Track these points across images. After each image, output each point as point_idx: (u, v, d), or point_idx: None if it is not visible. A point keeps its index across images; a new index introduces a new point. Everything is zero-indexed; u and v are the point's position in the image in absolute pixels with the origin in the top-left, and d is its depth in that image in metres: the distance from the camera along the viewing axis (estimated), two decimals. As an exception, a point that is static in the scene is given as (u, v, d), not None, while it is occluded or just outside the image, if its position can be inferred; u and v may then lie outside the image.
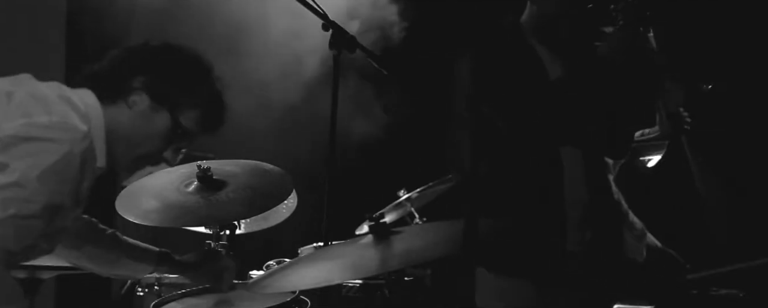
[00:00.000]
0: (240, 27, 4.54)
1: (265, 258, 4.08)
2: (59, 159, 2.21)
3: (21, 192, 2.18)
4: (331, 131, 2.57)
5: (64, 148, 2.22)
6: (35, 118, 2.24)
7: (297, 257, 3.92)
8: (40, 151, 2.20)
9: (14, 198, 2.18)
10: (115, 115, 2.42)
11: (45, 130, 2.22)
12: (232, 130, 2.62)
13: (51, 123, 2.24)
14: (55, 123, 2.25)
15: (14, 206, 2.18)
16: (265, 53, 4.54)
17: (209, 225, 3.64)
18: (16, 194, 2.18)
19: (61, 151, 2.22)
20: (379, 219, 2.37)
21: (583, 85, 2.95)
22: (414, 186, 4.50)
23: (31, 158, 2.19)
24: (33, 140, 2.21)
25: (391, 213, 4.54)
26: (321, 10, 2.61)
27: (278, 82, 4.88)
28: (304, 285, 2.56)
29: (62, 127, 2.25)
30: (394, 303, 4.06)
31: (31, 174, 2.18)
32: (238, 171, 3.27)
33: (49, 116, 2.25)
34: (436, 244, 2.32)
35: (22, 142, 2.20)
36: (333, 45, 2.61)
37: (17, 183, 2.18)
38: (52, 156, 2.21)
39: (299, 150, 5.09)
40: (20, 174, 2.18)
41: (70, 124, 2.27)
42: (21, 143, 2.20)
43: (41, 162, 2.20)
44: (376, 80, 4.56)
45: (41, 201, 2.21)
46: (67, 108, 2.31)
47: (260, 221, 3.93)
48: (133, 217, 3.10)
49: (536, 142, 2.97)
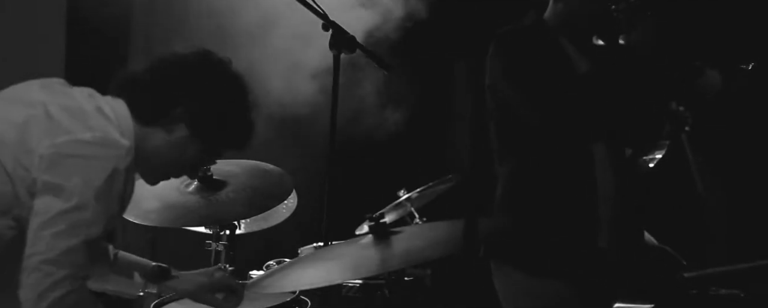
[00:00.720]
0: (241, 27, 4.54)
1: (265, 258, 4.07)
2: (108, 176, 2.18)
3: (84, 215, 2.15)
4: (331, 131, 2.57)
5: (111, 165, 2.19)
6: (78, 135, 2.19)
7: (297, 257, 3.92)
8: (88, 170, 2.16)
9: (80, 223, 2.15)
10: (150, 138, 2.36)
11: (88, 146, 2.18)
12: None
13: (94, 139, 2.20)
14: (98, 138, 2.20)
15: (82, 231, 2.15)
16: (267, 54, 4.54)
17: (209, 225, 3.64)
18: (80, 218, 2.15)
19: (108, 168, 2.18)
20: (379, 219, 2.37)
21: (610, 81, 2.96)
22: (414, 186, 4.50)
23: (81, 177, 2.15)
24: (78, 157, 2.17)
25: (391, 213, 4.54)
26: (321, 10, 2.61)
27: (278, 82, 4.88)
28: (304, 285, 2.56)
29: (105, 144, 2.20)
30: (394, 303, 4.06)
31: (87, 195, 2.15)
32: (238, 171, 3.28)
33: (91, 132, 2.20)
34: (436, 244, 2.32)
35: (68, 159, 2.16)
36: (333, 45, 2.61)
37: (78, 207, 2.14)
38: (102, 174, 2.17)
39: (299, 149, 5.09)
40: (79, 198, 2.14)
41: (111, 139, 2.22)
42: (66, 160, 2.16)
43: (93, 181, 2.16)
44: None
45: (102, 221, 2.18)
46: (105, 122, 2.26)
47: (260, 221, 3.93)
48: (133, 217, 3.10)
49: (568, 137, 2.96)
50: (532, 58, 2.95)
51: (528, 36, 3.03)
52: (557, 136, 2.96)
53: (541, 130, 2.96)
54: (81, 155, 2.17)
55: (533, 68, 2.93)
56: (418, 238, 2.41)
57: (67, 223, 2.14)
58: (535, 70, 2.93)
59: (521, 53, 2.97)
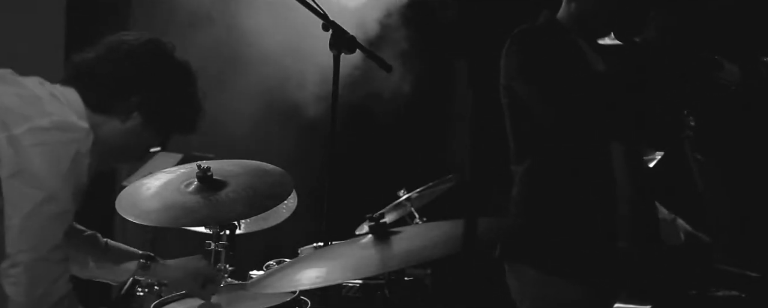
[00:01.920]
0: (241, 28, 4.54)
1: (265, 258, 4.07)
2: (72, 159, 2.21)
3: (59, 205, 2.19)
4: (331, 131, 2.57)
5: (74, 148, 2.22)
6: (37, 122, 2.21)
7: (297, 257, 3.91)
8: (52, 156, 2.19)
9: (56, 213, 2.19)
10: (105, 126, 2.40)
11: (49, 132, 2.21)
12: (232, 130, 2.63)
13: (52, 124, 2.22)
14: (56, 123, 2.23)
15: (60, 221, 2.20)
16: (267, 54, 4.54)
17: (209, 225, 3.64)
18: (55, 209, 2.19)
19: (71, 151, 2.21)
20: (379, 219, 2.37)
21: (627, 79, 2.96)
22: (414, 186, 4.50)
23: (47, 164, 2.18)
24: (41, 145, 2.19)
25: (391, 213, 4.54)
26: (321, 10, 2.61)
27: (280, 81, 4.88)
28: (304, 285, 2.55)
29: (64, 127, 2.24)
30: (394, 303, 4.06)
31: (55, 182, 2.18)
32: (239, 171, 3.27)
33: (49, 117, 2.23)
34: (436, 244, 2.31)
35: (31, 148, 2.18)
36: (333, 45, 2.61)
37: (51, 198, 2.18)
38: (66, 159, 2.20)
39: (300, 150, 5.09)
40: (49, 187, 2.17)
41: (70, 122, 2.26)
42: (30, 149, 2.18)
43: (59, 168, 2.19)
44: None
45: (73, 206, 2.23)
46: (60, 106, 2.29)
47: (260, 221, 3.93)
48: (133, 217, 3.09)
49: (584, 135, 2.95)
50: (548, 55, 2.94)
51: (543, 34, 3.03)
52: (573, 134, 2.95)
53: (556, 128, 2.95)
54: (43, 142, 2.20)
55: (549, 66, 2.93)
56: (418, 238, 2.40)
57: (46, 218, 2.18)
58: (551, 68, 2.92)
59: (537, 51, 2.97)
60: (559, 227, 2.94)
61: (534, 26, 3.06)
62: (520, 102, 2.98)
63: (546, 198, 2.98)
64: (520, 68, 2.97)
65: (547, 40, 2.99)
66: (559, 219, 2.94)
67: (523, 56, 2.97)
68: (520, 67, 2.97)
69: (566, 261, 2.93)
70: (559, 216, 2.94)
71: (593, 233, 2.93)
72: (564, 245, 2.92)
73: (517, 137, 3.06)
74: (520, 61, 2.97)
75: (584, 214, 2.93)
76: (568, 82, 2.90)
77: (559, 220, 2.94)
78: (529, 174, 3.01)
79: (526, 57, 2.96)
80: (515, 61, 2.97)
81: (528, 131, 3.02)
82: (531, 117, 2.98)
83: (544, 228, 2.96)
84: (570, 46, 3.00)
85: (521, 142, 3.05)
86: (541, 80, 2.93)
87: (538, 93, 2.94)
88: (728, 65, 3.03)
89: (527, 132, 3.02)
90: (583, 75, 2.95)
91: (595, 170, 2.96)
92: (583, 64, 2.98)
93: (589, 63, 3.00)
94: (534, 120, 2.98)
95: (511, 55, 2.98)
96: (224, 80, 4.66)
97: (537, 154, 3.01)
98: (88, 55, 2.46)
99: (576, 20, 3.04)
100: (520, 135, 3.05)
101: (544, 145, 2.99)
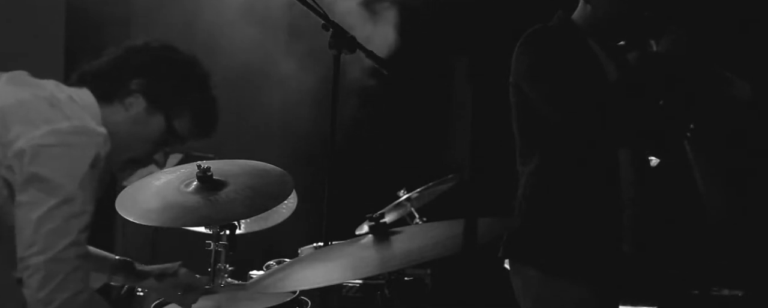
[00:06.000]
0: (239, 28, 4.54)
1: (265, 258, 4.08)
2: (91, 164, 2.20)
3: (73, 208, 2.17)
4: (331, 131, 2.57)
5: (92, 152, 2.21)
6: (57, 125, 2.21)
7: (297, 257, 3.91)
8: (71, 160, 2.18)
9: (72, 217, 2.17)
10: (111, 116, 2.39)
11: (69, 136, 2.20)
12: (232, 130, 2.63)
13: (73, 128, 2.22)
14: (77, 127, 2.22)
15: (76, 224, 2.18)
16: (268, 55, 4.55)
17: (209, 225, 3.64)
18: (70, 211, 2.17)
19: (90, 156, 2.20)
20: (379, 219, 2.37)
21: (639, 86, 2.95)
22: (414, 186, 4.50)
23: (65, 168, 2.17)
24: (60, 147, 2.18)
25: (391, 213, 4.54)
26: (321, 10, 2.61)
27: (280, 82, 4.89)
28: (304, 285, 2.55)
29: (84, 132, 2.23)
30: (394, 303, 4.06)
31: (72, 186, 2.17)
32: (238, 171, 3.27)
33: (69, 121, 2.23)
34: (436, 244, 2.31)
35: (50, 149, 2.17)
36: (333, 45, 2.60)
37: (67, 200, 2.16)
38: (85, 163, 2.19)
39: (299, 149, 5.09)
40: (65, 190, 2.16)
41: (89, 127, 2.25)
42: (49, 151, 2.17)
43: (76, 171, 2.18)
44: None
45: (90, 210, 2.21)
46: (79, 110, 2.29)
47: (260, 221, 3.93)
48: (133, 217, 3.09)
49: (593, 138, 2.94)
50: (559, 58, 2.93)
51: (556, 36, 3.01)
52: (580, 135, 2.94)
53: (564, 129, 2.95)
54: (61, 144, 2.19)
55: (559, 68, 2.92)
56: (418, 238, 2.40)
57: (61, 218, 2.16)
58: (561, 71, 2.91)
59: (548, 53, 2.95)
60: (564, 228, 2.93)
61: (547, 27, 3.04)
62: (529, 102, 2.98)
63: (552, 199, 2.97)
64: (530, 69, 2.96)
65: (560, 42, 2.97)
66: (565, 221, 2.93)
67: (534, 57, 2.96)
68: (530, 68, 2.96)
69: (570, 262, 2.92)
70: (564, 218, 2.93)
71: (598, 235, 2.93)
72: (568, 246, 2.92)
73: (524, 137, 3.05)
74: (530, 62, 2.96)
75: (589, 216, 2.92)
76: (577, 86, 2.89)
77: (565, 221, 2.93)
78: (535, 174, 3.01)
79: (537, 58, 2.95)
80: (526, 62, 2.96)
81: (536, 132, 3.01)
82: (539, 117, 2.97)
83: (549, 229, 2.95)
84: (582, 49, 2.99)
85: (529, 142, 3.04)
86: (550, 82, 2.92)
87: (546, 95, 2.93)
88: (739, 82, 3.02)
89: (535, 132, 3.01)
90: (594, 79, 2.94)
91: (601, 172, 2.95)
92: (595, 69, 2.97)
93: (601, 67, 2.99)
94: (542, 121, 2.97)
95: (523, 54, 2.97)
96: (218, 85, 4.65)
97: (544, 154, 3.00)
98: (94, 61, 2.47)
99: (591, 23, 3.03)
100: (528, 135, 3.04)
101: (551, 146, 2.99)
